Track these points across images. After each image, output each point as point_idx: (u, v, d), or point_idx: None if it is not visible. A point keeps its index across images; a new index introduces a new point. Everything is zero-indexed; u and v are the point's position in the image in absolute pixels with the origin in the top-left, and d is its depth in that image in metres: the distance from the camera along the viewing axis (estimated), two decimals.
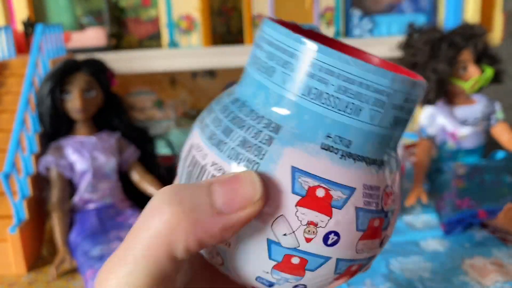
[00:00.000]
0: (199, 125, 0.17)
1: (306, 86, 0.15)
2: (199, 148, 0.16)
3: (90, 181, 0.78)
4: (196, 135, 0.17)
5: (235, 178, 0.14)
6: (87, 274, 0.65)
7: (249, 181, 0.14)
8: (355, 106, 0.15)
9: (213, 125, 0.16)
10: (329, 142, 0.15)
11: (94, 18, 1.15)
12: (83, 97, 0.78)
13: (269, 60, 0.16)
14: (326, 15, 1.09)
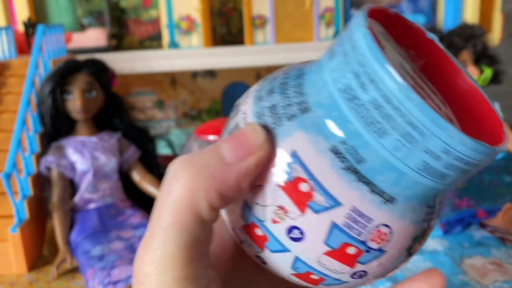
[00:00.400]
0: (261, 80, 0.18)
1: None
2: (247, 94, 0.17)
3: (91, 181, 0.78)
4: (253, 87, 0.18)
5: (238, 131, 0.16)
6: (88, 274, 0.65)
7: (251, 130, 0.15)
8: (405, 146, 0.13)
9: (266, 81, 0.17)
10: (340, 148, 0.14)
11: (95, 18, 1.16)
12: (84, 98, 0.79)
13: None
14: (326, 16, 1.09)
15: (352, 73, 0.13)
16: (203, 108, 1.28)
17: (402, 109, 0.13)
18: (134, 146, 0.85)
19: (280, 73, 0.17)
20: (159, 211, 0.15)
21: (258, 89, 0.17)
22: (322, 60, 0.16)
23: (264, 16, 1.08)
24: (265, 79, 0.17)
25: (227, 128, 0.18)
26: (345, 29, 0.14)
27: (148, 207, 0.84)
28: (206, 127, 0.81)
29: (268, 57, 1.08)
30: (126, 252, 0.68)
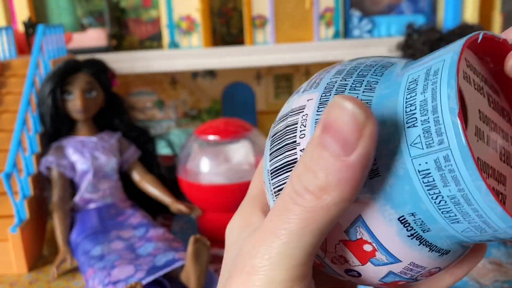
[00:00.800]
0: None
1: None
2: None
3: (91, 181, 0.78)
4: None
5: (329, 119, 0.14)
6: (88, 274, 0.65)
7: (341, 113, 0.13)
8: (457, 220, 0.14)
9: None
10: (408, 219, 0.14)
11: (95, 19, 1.16)
12: (84, 98, 0.79)
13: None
14: (326, 16, 1.10)
15: (434, 161, 0.13)
16: (203, 108, 1.28)
17: (483, 214, 0.13)
18: (134, 146, 0.85)
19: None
20: (287, 214, 0.14)
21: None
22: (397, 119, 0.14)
23: (264, 16, 1.08)
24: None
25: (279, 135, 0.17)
26: (431, 83, 0.14)
27: (148, 207, 0.84)
28: (206, 127, 0.81)
29: (268, 57, 1.08)
30: (126, 252, 0.68)
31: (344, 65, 0.17)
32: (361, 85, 0.15)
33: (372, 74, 0.16)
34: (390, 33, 1.13)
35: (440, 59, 0.14)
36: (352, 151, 0.13)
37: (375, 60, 0.17)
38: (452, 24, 1.02)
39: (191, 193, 0.80)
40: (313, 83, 0.17)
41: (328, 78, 0.16)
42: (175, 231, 0.83)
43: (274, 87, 1.28)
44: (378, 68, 0.16)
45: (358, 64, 0.17)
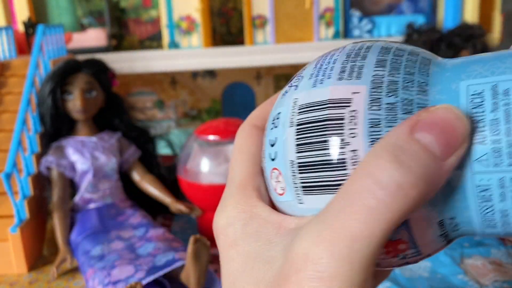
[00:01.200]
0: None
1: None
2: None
3: (91, 181, 0.78)
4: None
5: (436, 117, 0.14)
6: (88, 274, 0.65)
7: (454, 117, 0.14)
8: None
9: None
10: (447, 222, 0.15)
11: (95, 18, 1.16)
12: (84, 97, 0.79)
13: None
14: (326, 16, 1.10)
15: (499, 180, 0.13)
16: (203, 108, 1.28)
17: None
18: (134, 146, 0.85)
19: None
20: (371, 215, 0.13)
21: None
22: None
23: (264, 16, 1.08)
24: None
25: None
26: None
27: (148, 207, 0.84)
28: (206, 127, 0.81)
29: (268, 57, 1.08)
30: (126, 252, 0.68)
31: (381, 53, 0.16)
32: (412, 84, 0.15)
33: (419, 73, 0.15)
34: (390, 33, 1.13)
35: (508, 76, 0.14)
36: (449, 156, 0.13)
37: (410, 52, 0.16)
38: (452, 24, 1.02)
39: (191, 193, 0.80)
40: (351, 71, 0.16)
41: (371, 69, 0.16)
42: (175, 231, 0.83)
43: (274, 87, 1.28)
44: (421, 65, 0.16)
45: (398, 57, 0.16)
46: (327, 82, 0.16)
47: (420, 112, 0.14)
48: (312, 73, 0.17)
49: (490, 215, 0.14)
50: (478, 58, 0.15)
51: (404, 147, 0.13)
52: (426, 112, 0.14)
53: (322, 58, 0.18)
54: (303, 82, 0.17)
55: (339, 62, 0.16)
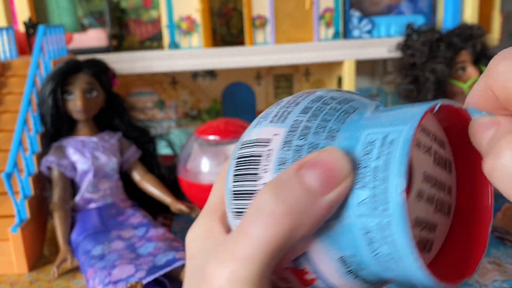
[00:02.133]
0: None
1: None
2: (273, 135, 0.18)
3: (91, 181, 0.78)
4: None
5: (320, 158, 0.15)
6: (88, 273, 0.65)
7: (335, 157, 0.15)
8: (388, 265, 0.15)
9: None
10: (348, 260, 0.16)
11: (95, 19, 1.16)
12: (85, 98, 0.79)
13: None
14: (326, 16, 1.10)
15: (376, 224, 0.15)
16: (203, 108, 1.28)
17: (412, 276, 0.15)
18: (135, 146, 0.86)
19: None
20: (246, 239, 0.15)
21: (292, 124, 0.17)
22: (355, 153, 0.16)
23: (264, 17, 1.08)
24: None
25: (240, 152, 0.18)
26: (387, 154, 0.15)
27: (148, 207, 0.84)
28: (207, 127, 0.81)
29: (268, 57, 1.08)
30: (127, 251, 0.68)
31: (312, 101, 0.18)
32: (324, 130, 0.17)
33: (335, 120, 0.17)
34: (390, 33, 1.13)
35: (398, 128, 0.15)
36: (327, 193, 0.15)
37: (341, 101, 0.18)
38: (451, 25, 1.02)
39: (191, 193, 0.81)
40: (281, 115, 0.18)
41: (295, 115, 0.18)
42: (175, 231, 0.83)
43: (274, 87, 1.28)
44: (342, 114, 0.17)
45: (324, 105, 0.18)
46: (263, 123, 0.18)
47: (312, 153, 0.16)
48: (264, 113, 0.20)
49: (380, 257, 0.15)
50: (395, 109, 0.17)
51: (285, 181, 0.15)
52: (315, 153, 0.16)
53: (291, 99, 0.20)
54: (254, 121, 0.20)
55: (279, 106, 0.19)
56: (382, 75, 1.30)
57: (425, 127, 0.17)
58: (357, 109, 0.17)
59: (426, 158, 0.17)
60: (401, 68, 0.88)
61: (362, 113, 0.17)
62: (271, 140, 0.17)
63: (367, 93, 1.31)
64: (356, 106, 0.18)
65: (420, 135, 0.17)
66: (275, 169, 0.17)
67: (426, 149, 0.17)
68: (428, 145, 0.18)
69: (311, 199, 0.15)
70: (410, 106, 0.16)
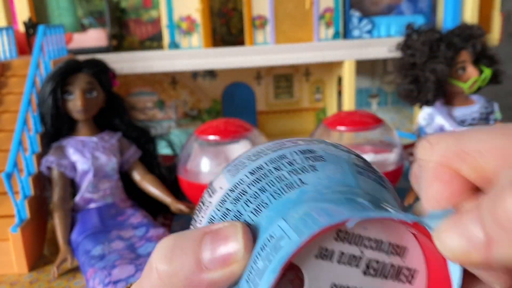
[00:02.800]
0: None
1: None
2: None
3: (91, 181, 0.78)
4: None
5: (223, 232, 0.15)
6: (88, 273, 0.65)
7: (234, 238, 0.14)
8: None
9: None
10: None
11: (95, 19, 1.16)
12: (85, 98, 0.79)
13: None
14: (326, 16, 1.10)
15: None
16: (203, 108, 1.28)
17: None
18: (135, 146, 0.86)
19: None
20: (140, 285, 0.15)
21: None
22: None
23: (264, 17, 1.09)
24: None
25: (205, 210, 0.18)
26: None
27: (149, 207, 0.84)
28: (206, 127, 0.81)
29: (268, 57, 1.08)
30: (127, 251, 0.68)
31: (270, 161, 0.17)
32: (254, 201, 0.16)
33: (270, 193, 0.16)
34: (390, 33, 1.13)
35: (291, 234, 0.14)
36: (214, 269, 0.14)
37: (298, 169, 0.17)
38: (451, 25, 1.02)
39: (191, 193, 0.81)
40: (237, 168, 0.17)
41: (244, 173, 0.17)
42: (175, 230, 0.83)
43: (274, 87, 1.28)
44: (282, 187, 0.16)
45: (275, 170, 0.17)
46: (224, 170, 0.18)
47: (224, 222, 0.15)
48: (244, 153, 0.19)
49: None
50: (320, 206, 0.15)
51: (185, 243, 0.15)
52: (226, 223, 0.15)
53: (260, 148, 0.19)
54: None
55: (248, 153, 0.18)
56: (382, 75, 1.30)
57: (352, 233, 0.15)
58: (305, 185, 0.16)
59: (342, 269, 0.16)
60: (401, 68, 0.88)
61: (304, 192, 0.16)
62: (215, 192, 0.17)
63: (367, 93, 1.32)
64: (307, 180, 0.16)
65: (335, 245, 0.15)
66: (204, 224, 0.17)
67: (348, 259, 0.16)
68: (354, 255, 0.16)
69: (195, 271, 0.14)
70: (334, 210, 0.14)
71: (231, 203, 0.16)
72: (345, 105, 1.11)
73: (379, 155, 0.86)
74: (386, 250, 0.16)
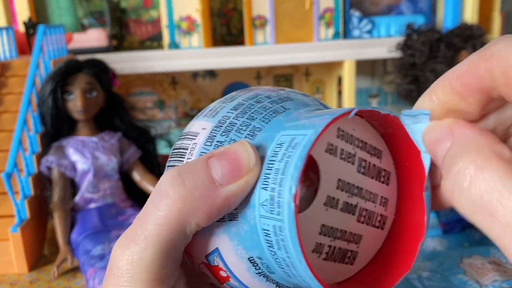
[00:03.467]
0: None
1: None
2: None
3: (92, 180, 0.79)
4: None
5: (229, 149, 0.15)
6: (88, 273, 0.65)
7: (243, 150, 0.15)
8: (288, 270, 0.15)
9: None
10: (257, 261, 0.16)
11: (95, 19, 1.16)
12: (85, 98, 0.79)
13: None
14: (326, 16, 1.10)
15: (273, 227, 0.15)
16: (203, 108, 1.28)
17: (304, 281, 0.15)
18: (135, 146, 0.86)
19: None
20: (145, 220, 0.15)
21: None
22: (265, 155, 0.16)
23: (264, 17, 1.09)
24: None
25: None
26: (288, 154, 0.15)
27: None
28: None
29: (268, 57, 1.08)
30: None
31: (247, 99, 0.18)
32: (246, 128, 0.17)
33: (260, 119, 0.17)
34: (390, 33, 1.13)
35: (305, 132, 0.15)
36: (228, 183, 0.15)
37: (275, 100, 0.18)
38: (451, 25, 1.02)
39: None
40: (214, 110, 0.18)
41: (226, 111, 0.18)
42: None
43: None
44: (269, 113, 0.17)
45: (256, 103, 0.18)
46: (199, 117, 0.19)
47: (225, 146, 0.16)
48: (207, 106, 0.20)
49: (279, 261, 0.15)
50: (319, 112, 0.16)
51: (191, 167, 0.15)
52: (228, 145, 0.16)
53: (231, 95, 0.19)
54: (197, 114, 0.20)
55: (219, 101, 0.19)
56: (382, 75, 1.30)
57: (347, 133, 0.17)
58: (287, 110, 0.17)
59: (344, 165, 0.17)
60: (401, 68, 0.88)
61: (290, 113, 0.17)
62: (198, 134, 0.17)
63: (367, 93, 1.32)
64: (288, 106, 0.17)
65: (337, 141, 0.17)
66: None
67: (346, 155, 0.17)
68: (350, 152, 0.17)
69: (210, 187, 0.15)
70: (331, 111, 0.16)
71: (221, 136, 0.17)
72: (345, 105, 1.11)
73: None
74: (369, 151, 0.18)
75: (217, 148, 0.16)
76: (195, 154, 0.17)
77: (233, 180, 0.15)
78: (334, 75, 1.23)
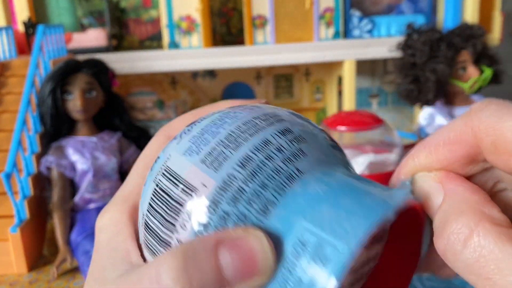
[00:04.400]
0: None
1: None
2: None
3: (91, 181, 0.78)
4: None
5: (243, 243, 0.14)
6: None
7: (260, 249, 0.13)
8: None
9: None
10: None
11: (95, 19, 1.16)
12: (84, 97, 0.79)
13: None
14: (326, 16, 1.10)
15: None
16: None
17: None
18: (135, 146, 0.85)
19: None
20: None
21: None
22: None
23: (264, 16, 1.08)
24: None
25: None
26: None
27: None
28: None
29: (268, 57, 1.08)
30: None
31: (255, 149, 0.15)
32: (258, 199, 0.14)
33: (273, 189, 0.15)
34: (390, 33, 1.13)
35: (332, 239, 0.13)
36: (238, 283, 0.13)
37: (289, 156, 0.16)
38: (452, 24, 1.02)
39: None
40: (216, 158, 0.15)
41: (232, 165, 0.15)
42: None
43: (274, 87, 1.28)
44: (283, 180, 0.15)
45: (268, 160, 0.15)
46: (194, 157, 0.16)
47: (236, 230, 0.14)
48: (196, 134, 0.16)
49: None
50: (337, 200, 0.14)
51: (198, 255, 0.13)
52: (240, 231, 0.14)
53: (218, 118, 0.17)
54: (185, 139, 0.17)
55: (219, 136, 0.16)
56: (382, 75, 1.30)
57: None
58: (303, 174, 0.15)
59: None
60: (401, 68, 0.88)
61: (306, 183, 0.15)
62: (196, 190, 0.15)
63: (367, 93, 1.31)
64: (302, 167, 0.15)
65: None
66: (194, 231, 0.15)
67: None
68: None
69: (218, 285, 0.13)
70: (356, 199, 0.14)
71: (228, 205, 0.14)
72: (345, 105, 1.11)
73: (379, 155, 0.86)
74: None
75: (223, 221, 0.14)
76: (194, 221, 0.15)
77: (243, 280, 0.13)
78: (334, 75, 1.23)
